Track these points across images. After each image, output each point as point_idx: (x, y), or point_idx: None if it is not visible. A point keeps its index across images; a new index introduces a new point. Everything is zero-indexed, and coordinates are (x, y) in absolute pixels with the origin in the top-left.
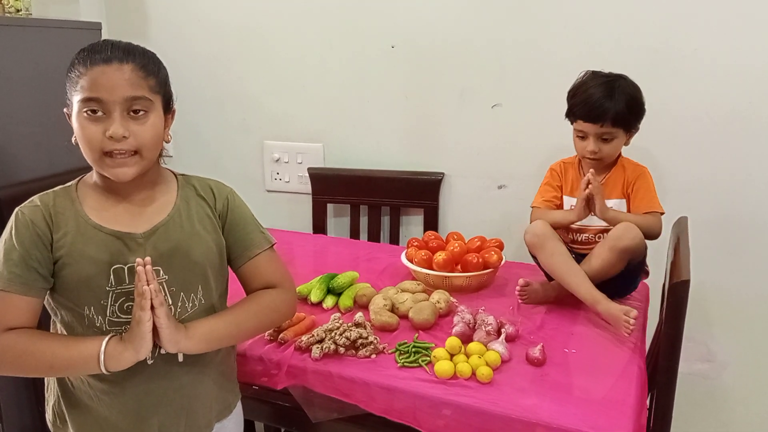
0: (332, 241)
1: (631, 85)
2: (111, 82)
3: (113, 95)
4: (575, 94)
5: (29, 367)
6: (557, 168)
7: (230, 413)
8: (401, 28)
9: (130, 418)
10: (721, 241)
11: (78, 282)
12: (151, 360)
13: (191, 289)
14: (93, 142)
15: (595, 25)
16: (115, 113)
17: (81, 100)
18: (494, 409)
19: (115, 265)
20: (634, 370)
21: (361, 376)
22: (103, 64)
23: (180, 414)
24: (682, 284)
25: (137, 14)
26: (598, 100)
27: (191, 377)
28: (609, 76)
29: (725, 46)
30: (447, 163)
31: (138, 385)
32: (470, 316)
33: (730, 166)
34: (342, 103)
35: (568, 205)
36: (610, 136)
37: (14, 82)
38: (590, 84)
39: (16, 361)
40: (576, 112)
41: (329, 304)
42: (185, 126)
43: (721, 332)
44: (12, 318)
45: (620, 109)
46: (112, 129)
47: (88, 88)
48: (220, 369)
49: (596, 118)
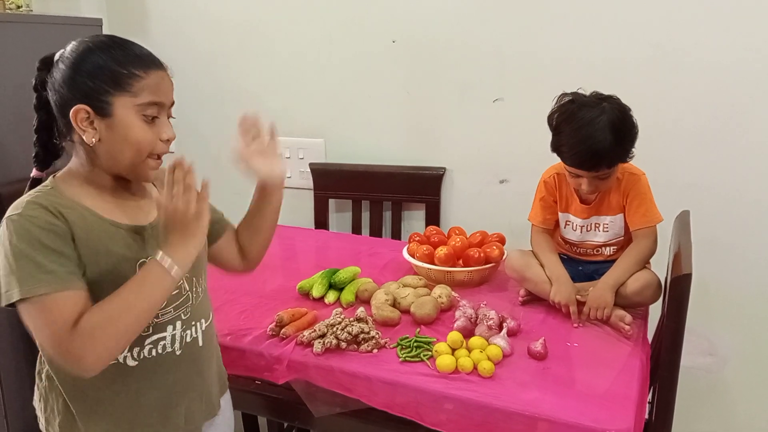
0: (334, 237)
1: (617, 114)
2: (168, 87)
3: (168, 100)
4: (557, 130)
5: (122, 329)
6: (550, 181)
7: (227, 389)
8: (402, 22)
9: (158, 410)
10: (724, 235)
11: (107, 278)
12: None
13: (201, 274)
14: (146, 145)
15: (596, 20)
16: (164, 117)
17: (144, 103)
18: (496, 403)
19: (141, 259)
20: (636, 364)
21: (363, 370)
22: (159, 69)
23: (201, 397)
24: (684, 278)
25: (137, 10)
26: (590, 149)
27: (207, 359)
28: (592, 106)
29: (726, 40)
30: (448, 157)
31: (167, 376)
32: (472, 311)
33: (732, 160)
34: (343, 99)
35: (563, 222)
36: (607, 175)
37: (15, 78)
38: (573, 125)
39: (105, 333)
40: (564, 158)
41: (331, 299)
42: (185, 122)
43: (724, 326)
44: (74, 314)
45: (613, 153)
46: (170, 132)
47: (154, 92)
48: (217, 346)
49: (590, 168)
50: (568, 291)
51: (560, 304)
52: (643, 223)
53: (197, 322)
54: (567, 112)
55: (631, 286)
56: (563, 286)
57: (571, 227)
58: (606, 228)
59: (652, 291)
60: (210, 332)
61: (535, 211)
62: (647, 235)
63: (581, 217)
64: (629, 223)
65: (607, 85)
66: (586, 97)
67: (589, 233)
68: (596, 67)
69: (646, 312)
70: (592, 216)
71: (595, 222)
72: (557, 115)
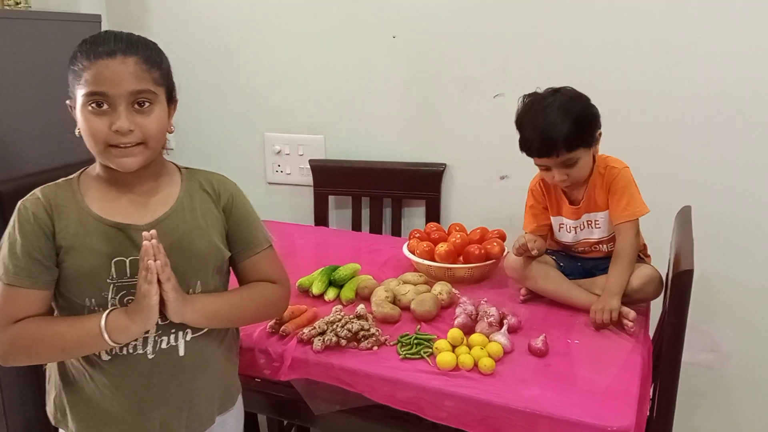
0: (334, 233)
1: (569, 100)
2: (116, 75)
3: (118, 89)
4: (520, 127)
5: (42, 353)
6: (537, 189)
7: (233, 406)
8: (402, 17)
9: (131, 412)
10: (726, 231)
11: (79, 273)
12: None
13: (190, 284)
14: (98, 135)
15: (598, 14)
16: (120, 107)
17: (85, 94)
18: (497, 400)
19: (117, 257)
20: (638, 360)
21: (363, 368)
22: (107, 57)
23: (182, 408)
24: (685, 274)
25: (137, 6)
26: (544, 134)
27: (192, 371)
28: (545, 97)
29: (730, 34)
30: (449, 154)
31: (139, 379)
32: (472, 308)
33: (735, 155)
34: (343, 95)
35: (556, 225)
36: (572, 160)
37: (14, 75)
38: (529, 116)
39: (29, 349)
40: (528, 150)
41: (331, 296)
42: (186, 119)
43: (725, 323)
44: (21, 311)
45: (569, 134)
46: (118, 123)
47: (93, 81)
48: (222, 362)
49: (547, 152)
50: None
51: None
52: (625, 217)
53: (178, 331)
54: (524, 108)
55: (632, 283)
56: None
57: (565, 229)
58: (598, 224)
59: (654, 287)
60: (200, 345)
61: (527, 220)
62: (628, 229)
63: (573, 218)
64: (612, 218)
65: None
66: (541, 93)
67: (583, 232)
68: (598, 62)
69: (648, 308)
70: (583, 215)
71: (587, 220)
72: (518, 114)
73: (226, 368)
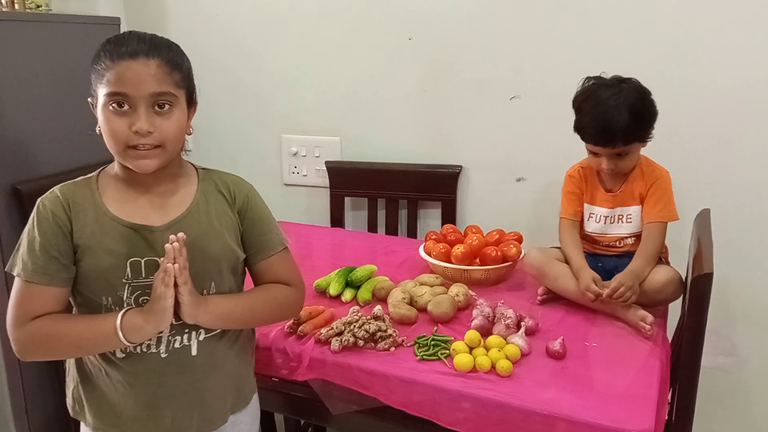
0: (350, 235)
1: (635, 94)
2: (137, 77)
3: (139, 90)
4: (579, 110)
5: (59, 350)
6: (576, 174)
7: (246, 406)
8: (418, 20)
9: (143, 408)
10: (745, 234)
11: (95, 273)
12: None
13: (204, 285)
14: (118, 136)
15: (614, 16)
16: (141, 108)
17: (107, 93)
18: (514, 402)
19: (132, 258)
20: (656, 363)
21: (380, 368)
22: (129, 58)
23: (193, 407)
24: (704, 277)
25: (155, 9)
26: (604, 123)
27: (205, 371)
28: (611, 86)
29: (747, 34)
30: (465, 155)
31: (152, 377)
32: (489, 310)
33: (753, 158)
34: (359, 97)
35: (586, 214)
36: (624, 153)
37: (33, 76)
38: (592, 103)
39: (45, 345)
40: (583, 135)
41: (348, 297)
42: (204, 120)
43: (744, 326)
44: (38, 308)
45: (629, 128)
46: (137, 125)
47: (114, 82)
48: (235, 362)
49: (606, 142)
50: (592, 275)
51: (588, 289)
52: (659, 218)
53: (192, 331)
54: (587, 92)
55: (653, 283)
56: (587, 272)
57: (594, 219)
58: (630, 219)
59: (674, 288)
60: (213, 345)
61: (564, 205)
62: (659, 230)
63: (606, 207)
64: (645, 214)
65: None
66: (606, 79)
67: (612, 225)
68: (614, 64)
69: (666, 311)
70: (617, 207)
71: (619, 214)
72: (579, 95)
73: (239, 368)
